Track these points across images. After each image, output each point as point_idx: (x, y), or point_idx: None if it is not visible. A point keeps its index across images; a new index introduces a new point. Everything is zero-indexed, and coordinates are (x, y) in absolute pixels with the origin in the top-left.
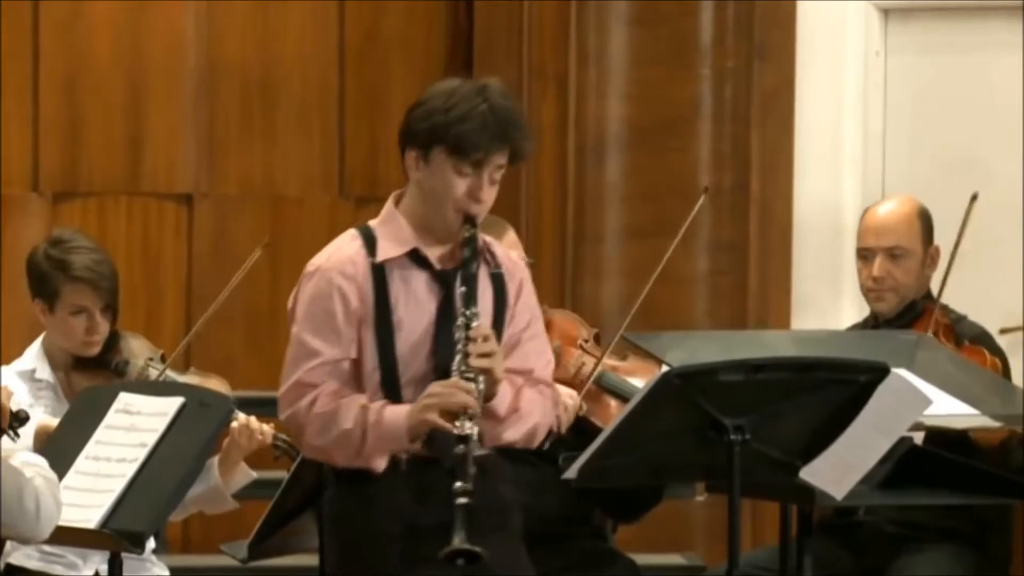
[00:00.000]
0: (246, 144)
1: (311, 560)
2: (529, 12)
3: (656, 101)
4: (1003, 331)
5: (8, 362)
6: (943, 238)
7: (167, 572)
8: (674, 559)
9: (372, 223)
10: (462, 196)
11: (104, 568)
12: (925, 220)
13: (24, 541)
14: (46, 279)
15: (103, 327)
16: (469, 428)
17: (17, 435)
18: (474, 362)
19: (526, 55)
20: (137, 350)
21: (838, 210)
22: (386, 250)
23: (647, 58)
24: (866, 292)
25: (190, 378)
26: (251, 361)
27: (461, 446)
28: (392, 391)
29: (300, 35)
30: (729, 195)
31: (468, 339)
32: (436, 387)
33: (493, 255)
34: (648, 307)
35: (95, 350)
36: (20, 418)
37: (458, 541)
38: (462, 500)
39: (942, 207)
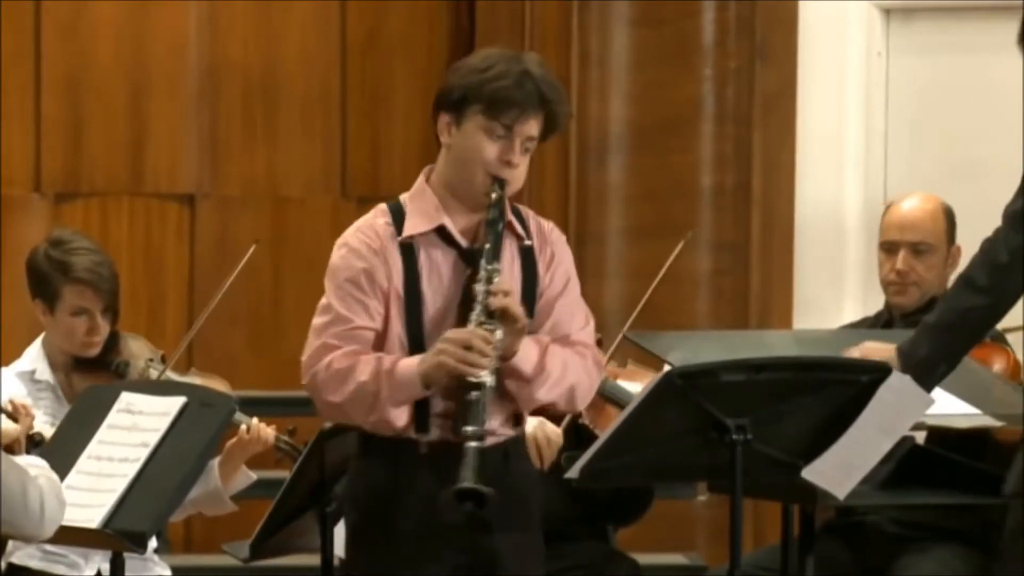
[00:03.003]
0: (248, 145)
1: (313, 560)
2: (531, 12)
3: (658, 102)
4: (1005, 331)
5: (8, 363)
6: None
7: (169, 572)
8: (676, 559)
9: (403, 196)
10: (493, 159)
11: (106, 568)
12: (949, 218)
13: (27, 540)
14: (46, 280)
15: (103, 328)
16: (484, 375)
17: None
18: (493, 303)
19: None
20: (137, 351)
21: (840, 210)
22: (413, 226)
23: (649, 59)
24: (887, 285)
25: (191, 379)
26: (253, 361)
27: (475, 392)
28: None
29: (302, 36)
30: (731, 195)
31: (488, 292)
32: (452, 333)
33: (525, 227)
34: (650, 307)
35: (95, 351)
36: (35, 442)
37: (467, 481)
38: (473, 444)
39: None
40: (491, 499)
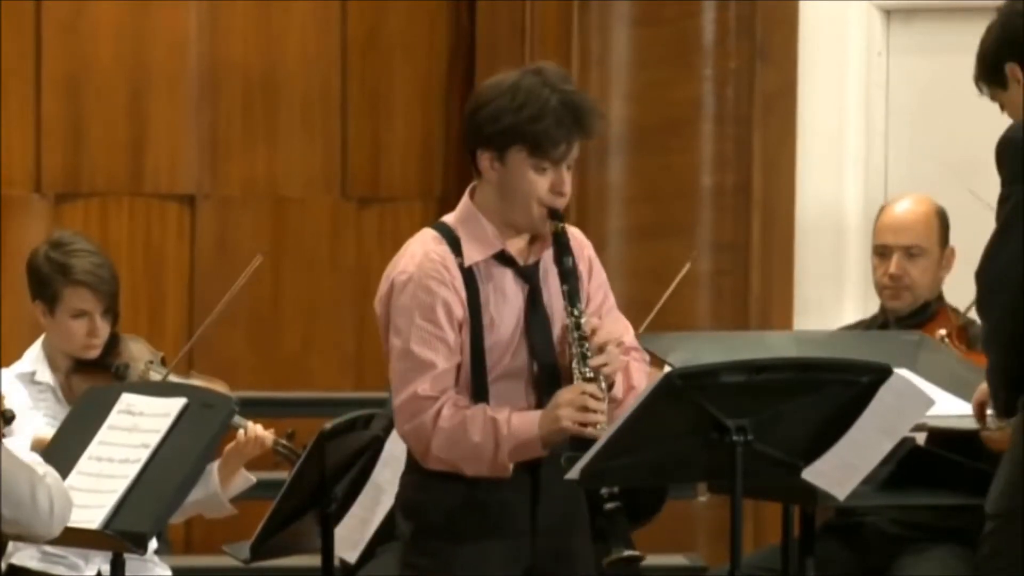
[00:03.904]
0: (248, 145)
1: (314, 561)
2: (531, 13)
3: (658, 102)
4: None
5: (8, 364)
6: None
7: (169, 572)
8: (676, 560)
9: (449, 221)
10: (546, 193)
11: (106, 569)
12: (943, 220)
13: (35, 540)
14: (46, 282)
15: (103, 330)
16: (603, 429)
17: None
18: (593, 362)
19: (528, 56)
20: (137, 353)
21: (840, 210)
22: (472, 254)
23: (649, 59)
24: (881, 290)
25: (192, 382)
26: (253, 362)
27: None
28: (480, 387)
29: (302, 36)
30: (731, 196)
31: (581, 338)
32: (565, 394)
33: None
34: (651, 308)
35: (95, 353)
36: (6, 417)
37: (615, 551)
38: (611, 506)
39: (945, 207)
40: (642, 558)
